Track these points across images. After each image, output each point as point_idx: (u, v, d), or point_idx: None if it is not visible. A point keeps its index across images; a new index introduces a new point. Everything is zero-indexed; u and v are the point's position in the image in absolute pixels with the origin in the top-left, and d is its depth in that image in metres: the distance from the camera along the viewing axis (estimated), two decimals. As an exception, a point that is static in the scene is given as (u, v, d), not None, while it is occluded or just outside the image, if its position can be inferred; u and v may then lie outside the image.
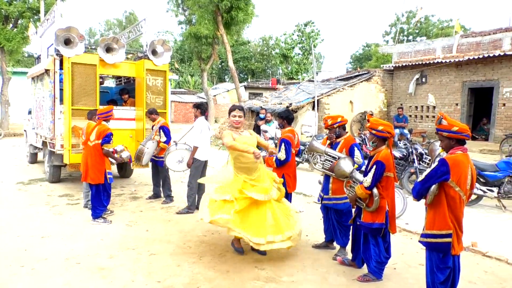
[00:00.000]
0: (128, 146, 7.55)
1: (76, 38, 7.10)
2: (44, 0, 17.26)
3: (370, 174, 3.82)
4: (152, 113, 7.16)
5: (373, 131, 3.90)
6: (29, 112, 10.53)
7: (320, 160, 4.64)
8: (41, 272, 4.08)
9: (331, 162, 4.51)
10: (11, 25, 19.49)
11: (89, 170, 5.82)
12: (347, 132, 4.83)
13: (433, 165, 3.15)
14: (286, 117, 5.33)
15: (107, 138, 5.76)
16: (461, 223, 3.20)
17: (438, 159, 3.21)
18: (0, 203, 6.83)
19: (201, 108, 6.47)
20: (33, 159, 11.15)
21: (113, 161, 6.15)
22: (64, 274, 4.04)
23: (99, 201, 5.83)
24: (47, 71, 7.79)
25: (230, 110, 4.67)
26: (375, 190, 3.83)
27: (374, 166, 3.81)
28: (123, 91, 8.91)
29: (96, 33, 50.77)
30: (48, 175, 8.63)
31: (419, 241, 3.40)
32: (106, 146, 5.77)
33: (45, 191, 7.79)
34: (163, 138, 6.95)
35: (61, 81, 7.44)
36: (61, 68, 7.35)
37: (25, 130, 11.86)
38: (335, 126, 4.63)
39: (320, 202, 4.83)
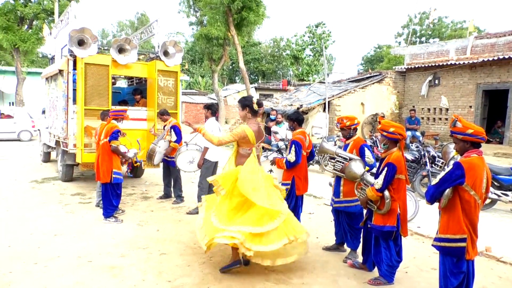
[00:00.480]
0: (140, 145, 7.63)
1: (89, 39, 7.19)
2: (58, 2, 17.59)
3: (381, 176, 3.78)
4: (163, 114, 7.21)
5: (384, 133, 3.87)
6: (43, 112, 10.69)
7: (331, 162, 4.62)
8: (54, 269, 4.13)
9: (342, 163, 4.49)
10: (26, 26, 19.85)
11: (99, 169, 5.90)
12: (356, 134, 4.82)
13: (448, 168, 3.10)
14: (296, 118, 5.31)
15: (114, 134, 5.81)
16: (476, 227, 3.15)
17: (452, 162, 3.16)
18: (14, 201, 6.94)
19: (212, 109, 6.49)
20: (47, 158, 11.32)
21: (123, 159, 6.21)
22: (76, 272, 4.08)
23: (108, 200, 5.88)
24: (60, 71, 7.90)
25: None
26: (386, 193, 3.79)
27: (385, 168, 3.78)
28: (136, 91, 9.00)
29: (108, 34, 51.37)
30: (61, 174, 8.74)
31: (432, 245, 3.35)
32: (113, 142, 5.81)
33: (57, 190, 7.89)
34: (174, 138, 6.99)
35: (74, 81, 7.54)
36: (74, 69, 7.45)
37: (38, 130, 12.05)
38: (352, 127, 4.63)
39: (332, 206, 4.80)
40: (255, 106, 4.33)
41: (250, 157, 4.22)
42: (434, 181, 3.15)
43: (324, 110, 13.96)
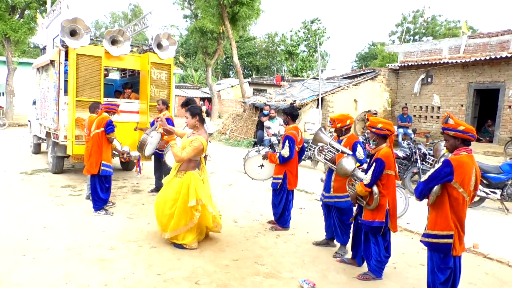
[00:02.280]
0: (132, 138, 7.59)
1: (82, 30, 7.10)
2: (51, -9, 17.30)
3: (370, 172, 3.82)
4: (165, 104, 7.14)
5: (373, 129, 3.91)
6: (34, 103, 10.57)
7: (323, 152, 4.65)
8: (42, 261, 4.10)
9: (334, 154, 4.53)
10: (17, 15, 19.53)
11: (88, 160, 5.84)
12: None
13: (437, 166, 3.14)
14: (290, 113, 5.32)
15: (109, 126, 5.76)
16: (463, 224, 3.19)
17: (443, 159, 3.19)
18: (3, 193, 6.86)
19: (191, 104, 6.36)
20: (37, 150, 11.19)
21: (116, 152, 6.17)
22: (65, 264, 4.06)
23: (96, 193, 5.82)
24: (52, 62, 7.80)
25: None
26: (375, 188, 3.82)
27: (374, 164, 3.81)
28: (127, 85, 8.90)
29: (102, 26, 50.78)
30: (51, 166, 8.66)
31: (420, 241, 3.39)
32: (111, 135, 5.78)
33: (48, 182, 7.82)
34: None
35: (66, 72, 7.46)
36: (66, 59, 7.37)
37: (29, 121, 11.90)
38: (343, 129, 4.65)
39: (322, 201, 4.83)
40: (204, 115, 4.55)
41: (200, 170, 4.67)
42: (424, 178, 3.19)
43: (317, 106, 13.98)
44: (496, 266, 4.50)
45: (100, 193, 5.83)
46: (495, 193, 6.73)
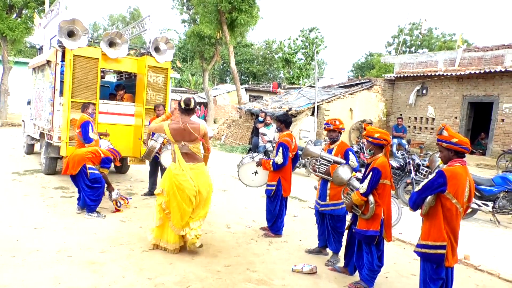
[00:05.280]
0: (127, 141, 7.57)
1: (79, 31, 7.09)
2: (50, -8, 17.27)
3: (366, 181, 3.83)
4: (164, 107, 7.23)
5: (370, 139, 3.93)
6: (28, 103, 10.50)
7: (316, 165, 4.66)
8: (32, 263, 4.05)
9: (326, 166, 4.55)
10: (15, 14, 19.46)
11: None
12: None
13: (431, 176, 3.16)
14: (284, 120, 5.34)
15: (106, 164, 6.02)
16: (457, 235, 3.21)
17: (437, 170, 3.22)
18: (-6, 192, 6.79)
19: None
20: (30, 150, 11.09)
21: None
22: (55, 266, 4.01)
23: (90, 197, 5.78)
24: (48, 62, 7.77)
25: None
26: (370, 198, 3.82)
27: (370, 173, 3.82)
28: (119, 87, 8.83)
29: (99, 28, 50.70)
30: (44, 167, 8.58)
31: (414, 251, 3.40)
32: (104, 170, 6.03)
33: (40, 183, 7.75)
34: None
35: (62, 73, 7.43)
36: (62, 60, 7.34)
37: (23, 121, 11.80)
38: (342, 130, 4.70)
39: (317, 209, 4.81)
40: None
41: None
42: (417, 188, 3.21)
43: (312, 114, 14.03)
44: (487, 278, 4.52)
45: (85, 197, 5.80)
46: (487, 205, 6.77)
